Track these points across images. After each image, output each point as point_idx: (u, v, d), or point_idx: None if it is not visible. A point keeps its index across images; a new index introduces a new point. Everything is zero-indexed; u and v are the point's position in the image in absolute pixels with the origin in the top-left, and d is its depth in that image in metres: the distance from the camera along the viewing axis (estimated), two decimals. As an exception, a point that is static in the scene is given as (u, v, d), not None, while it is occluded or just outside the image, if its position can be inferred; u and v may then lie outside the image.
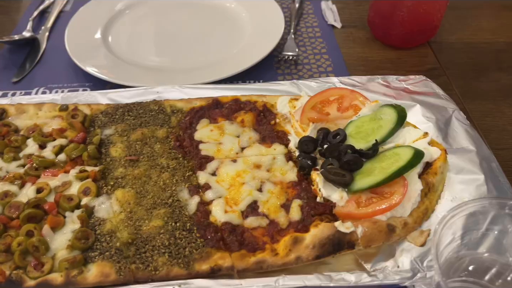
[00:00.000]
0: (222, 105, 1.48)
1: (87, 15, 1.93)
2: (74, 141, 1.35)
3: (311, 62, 1.81)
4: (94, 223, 1.15)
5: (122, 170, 1.28)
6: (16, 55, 1.84)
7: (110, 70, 1.67)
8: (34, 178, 1.25)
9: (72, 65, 1.76)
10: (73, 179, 1.24)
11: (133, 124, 1.42)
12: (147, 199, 1.20)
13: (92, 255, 1.07)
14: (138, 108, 1.47)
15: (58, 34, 1.95)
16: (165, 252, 1.08)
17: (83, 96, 1.53)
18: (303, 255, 1.06)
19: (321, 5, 2.14)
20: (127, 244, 1.09)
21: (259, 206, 1.18)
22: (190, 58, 1.78)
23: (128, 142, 1.36)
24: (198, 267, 1.05)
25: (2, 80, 1.71)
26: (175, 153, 1.33)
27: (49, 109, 1.46)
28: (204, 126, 1.41)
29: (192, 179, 1.25)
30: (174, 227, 1.13)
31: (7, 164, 1.29)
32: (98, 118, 1.44)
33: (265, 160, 1.30)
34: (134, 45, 1.85)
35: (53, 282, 1.02)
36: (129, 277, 1.03)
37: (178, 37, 1.90)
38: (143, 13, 2.02)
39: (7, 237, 1.11)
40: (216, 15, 2.00)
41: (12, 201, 1.18)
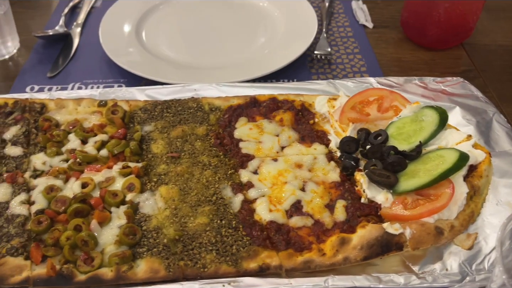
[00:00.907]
0: (260, 103, 1.48)
1: (119, 12, 1.94)
2: (115, 137, 1.35)
3: (344, 62, 1.81)
4: (140, 219, 1.15)
5: (165, 167, 1.28)
6: (49, 50, 1.85)
7: (145, 66, 1.67)
8: (78, 173, 1.26)
9: (106, 61, 1.77)
10: (117, 175, 1.25)
11: (172, 121, 1.42)
12: (191, 196, 1.21)
13: (140, 251, 1.08)
14: (176, 105, 1.47)
15: (90, 30, 1.97)
16: (213, 250, 1.08)
17: (120, 92, 1.53)
18: (351, 256, 1.06)
19: (352, 5, 2.13)
20: (174, 240, 1.10)
21: (303, 205, 1.18)
22: (223, 56, 1.78)
23: (168, 139, 1.37)
24: (246, 265, 1.05)
25: (37, 75, 1.72)
26: (216, 150, 1.33)
27: (88, 105, 1.47)
28: (243, 124, 1.41)
29: (234, 177, 1.26)
30: (219, 224, 1.14)
31: (50, 158, 1.30)
32: (137, 114, 1.45)
33: (306, 160, 1.30)
34: (167, 42, 1.85)
35: (103, 276, 1.03)
36: (178, 274, 1.04)
37: (210, 34, 1.90)
38: (175, 10, 2.02)
39: (55, 231, 1.12)
40: (248, 14, 1.99)
41: (58, 196, 1.19)
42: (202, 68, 1.72)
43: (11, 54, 1.81)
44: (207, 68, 1.72)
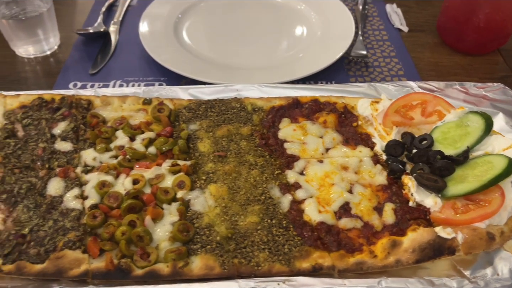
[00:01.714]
0: (302, 105, 1.49)
1: (157, 10, 1.96)
2: (162, 134, 1.38)
3: (381, 65, 1.82)
4: (192, 217, 1.17)
5: (212, 165, 1.30)
6: (89, 47, 1.87)
7: (186, 65, 1.69)
8: (128, 169, 1.28)
9: (145, 59, 1.80)
10: (166, 172, 1.27)
11: (216, 121, 1.44)
12: (240, 195, 1.23)
13: (194, 248, 1.10)
14: (220, 105, 1.49)
15: (127, 28, 1.99)
16: (265, 248, 1.10)
17: (164, 91, 1.56)
18: (403, 259, 1.07)
19: (386, 8, 2.13)
20: (226, 238, 1.12)
21: (351, 207, 1.20)
22: (262, 57, 1.80)
23: (214, 138, 1.39)
24: (299, 265, 1.07)
25: (79, 72, 1.75)
26: (261, 151, 1.35)
27: (133, 102, 1.49)
28: (286, 125, 1.42)
29: (281, 178, 1.27)
30: (270, 224, 1.16)
31: (100, 154, 1.32)
32: (181, 113, 1.47)
33: (352, 162, 1.31)
34: (205, 41, 1.87)
35: (160, 272, 1.05)
36: (233, 271, 1.06)
37: (247, 35, 1.92)
38: (211, 9, 2.04)
39: (110, 226, 1.14)
40: (285, 16, 2.01)
41: (110, 191, 1.22)
42: (242, 68, 1.74)
43: (52, 50, 1.84)
44: (246, 68, 1.74)
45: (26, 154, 1.33)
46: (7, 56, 1.81)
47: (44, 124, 1.41)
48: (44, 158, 1.31)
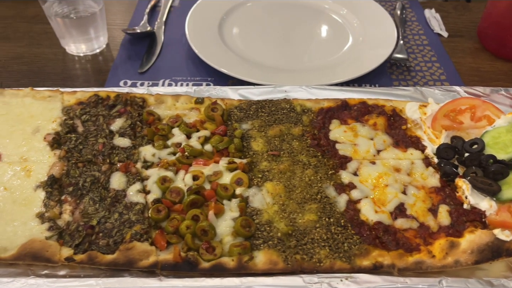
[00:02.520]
0: (350, 107, 1.52)
1: (202, 11, 2.00)
2: (216, 133, 1.42)
3: (423, 69, 1.84)
4: (251, 213, 1.21)
5: (267, 164, 1.34)
6: (136, 46, 1.92)
7: (233, 66, 1.73)
8: (187, 166, 1.32)
9: (192, 59, 1.85)
10: (224, 169, 1.31)
11: (267, 121, 1.48)
12: (296, 193, 1.26)
13: (256, 243, 1.14)
14: (270, 105, 1.52)
15: (171, 29, 2.04)
16: (325, 246, 1.13)
17: (214, 91, 1.60)
18: (461, 259, 1.10)
19: (425, 13, 2.16)
20: (287, 235, 1.15)
21: (406, 208, 1.23)
22: (306, 59, 1.84)
23: (266, 138, 1.42)
24: (359, 262, 1.10)
25: (128, 70, 1.79)
26: (313, 151, 1.38)
27: (185, 101, 1.54)
28: (336, 126, 1.46)
29: (336, 178, 1.31)
30: (328, 222, 1.19)
31: (158, 151, 1.37)
32: (233, 112, 1.51)
33: (404, 164, 1.34)
34: (250, 42, 1.91)
35: (226, 265, 1.09)
36: (296, 267, 1.09)
37: (291, 37, 1.95)
38: (255, 12, 2.08)
39: (174, 220, 1.18)
40: (328, 20, 2.05)
41: (172, 186, 1.26)
42: (287, 70, 1.77)
43: (101, 48, 1.89)
44: (291, 70, 1.78)
45: (87, 148, 1.37)
46: (58, 54, 1.87)
47: (101, 121, 1.46)
48: (104, 153, 1.36)
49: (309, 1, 2.13)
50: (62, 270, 1.09)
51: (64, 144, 1.38)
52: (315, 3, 2.12)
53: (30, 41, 1.94)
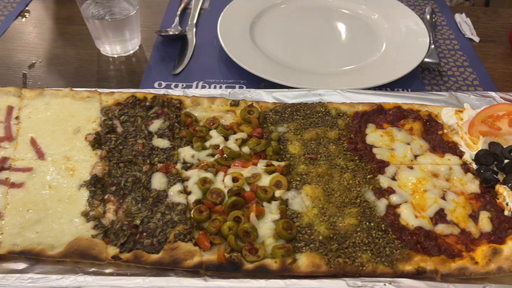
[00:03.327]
0: (386, 111, 1.53)
1: (233, 14, 2.02)
2: (253, 135, 1.43)
3: (455, 74, 1.84)
4: (292, 216, 1.22)
5: (304, 167, 1.35)
6: (168, 48, 1.95)
7: (266, 69, 1.74)
8: (226, 167, 1.34)
9: (224, 61, 1.87)
10: (262, 172, 1.32)
11: (303, 124, 1.49)
12: (335, 197, 1.27)
13: (298, 246, 1.15)
14: (305, 108, 1.54)
15: (202, 31, 2.06)
16: (367, 250, 1.14)
17: (249, 94, 1.62)
18: (505, 266, 1.09)
19: (455, 18, 2.15)
20: (328, 238, 1.16)
21: (446, 214, 1.23)
22: (338, 63, 1.84)
23: (303, 141, 1.43)
24: (402, 267, 1.11)
25: (162, 72, 1.82)
26: (350, 155, 1.39)
27: (221, 103, 1.55)
28: (373, 131, 1.46)
29: (374, 182, 1.31)
30: (369, 226, 1.20)
31: (197, 152, 1.38)
32: (268, 115, 1.52)
33: (442, 170, 1.34)
34: (281, 45, 1.92)
35: (269, 267, 1.10)
36: (339, 270, 1.10)
37: (322, 41, 1.96)
38: (286, 14, 2.10)
39: (216, 221, 1.20)
40: (359, 24, 2.06)
41: (212, 188, 1.28)
42: (320, 73, 1.78)
43: (135, 50, 1.92)
44: (324, 73, 1.78)
45: (126, 149, 1.40)
46: (93, 55, 1.90)
47: (140, 122, 1.48)
48: (144, 154, 1.38)
49: (340, 5, 2.14)
50: (108, 268, 1.11)
51: (104, 144, 1.40)
52: (346, 7, 2.13)
53: (65, 42, 1.98)
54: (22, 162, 1.34)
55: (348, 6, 2.14)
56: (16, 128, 1.44)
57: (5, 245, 1.14)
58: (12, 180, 1.28)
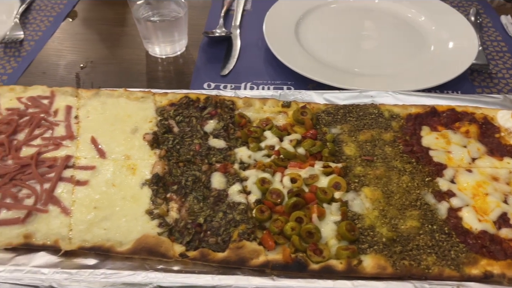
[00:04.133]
0: (439, 113, 1.52)
1: (278, 15, 2.03)
2: (307, 136, 1.44)
3: (505, 76, 1.81)
4: (353, 217, 1.23)
5: (361, 169, 1.35)
6: (214, 49, 1.97)
7: (313, 70, 1.74)
8: (282, 168, 1.35)
9: (270, 63, 1.88)
10: (319, 173, 1.33)
11: (356, 125, 1.49)
12: (395, 199, 1.27)
13: (362, 247, 1.15)
14: (357, 110, 1.54)
15: (245, 32, 2.07)
16: (431, 252, 1.14)
17: (300, 95, 1.63)
18: None
19: (501, 20, 2.12)
20: (391, 240, 1.17)
21: (509, 218, 1.22)
22: (387, 64, 1.84)
23: (357, 142, 1.44)
24: (468, 271, 1.10)
25: (210, 72, 1.84)
26: (407, 157, 1.39)
27: (272, 105, 1.57)
28: (428, 133, 1.46)
29: (433, 185, 1.31)
30: (431, 229, 1.19)
31: (254, 153, 1.40)
32: (321, 116, 1.53)
33: (502, 173, 1.33)
34: (327, 46, 1.93)
35: (334, 268, 1.11)
36: (404, 272, 1.10)
37: (369, 42, 1.96)
38: (332, 15, 2.10)
39: (277, 221, 1.21)
40: (405, 26, 2.05)
41: (271, 188, 1.29)
42: (369, 75, 1.78)
43: (182, 51, 1.95)
44: (373, 75, 1.78)
45: (184, 149, 1.42)
46: (141, 56, 1.94)
47: (195, 122, 1.51)
48: (202, 154, 1.40)
49: (387, 7, 2.13)
50: (175, 266, 1.13)
51: (162, 144, 1.43)
52: (393, 9, 2.12)
53: (113, 42, 2.02)
54: (85, 161, 1.37)
55: (394, 8, 2.13)
56: (76, 127, 1.48)
57: (75, 241, 1.17)
58: (77, 178, 1.32)
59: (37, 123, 1.47)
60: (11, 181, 1.30)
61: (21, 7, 2.15)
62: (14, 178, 1.31)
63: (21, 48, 1.96)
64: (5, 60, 1.89)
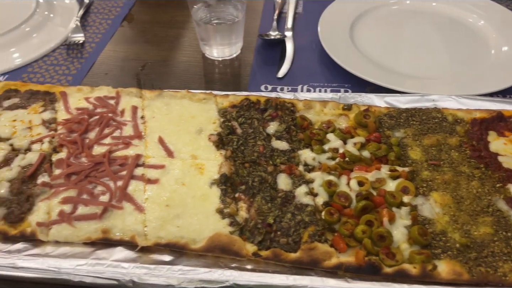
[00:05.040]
0: (505, 118, 1.49)
1: (332, 18, 2.04)
2: (371, 140, 1.44)
3: None
4: (423, 222, 1.22)
5: (428, 174, 1.34)
6: (268, 51, 1.99)
7: (371, 73, 1.74)
8: (348, 171, 1.36)
9: (325, 65, 1.89)
10: (386, 176, 1.33)
11: (420, 129, 1.48)
12: (465, 205, 1.26)
13: (435, 252, 1.15)
14: (420, 114, 1.53)
15: (298, 34, 2.08)
16: (507, 260, 1.12)
17: (360, 98, 1.62)
18: None
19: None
20: (465, 246, 1.15)
21: None
22: (447, 68, 1.82)
23: (423, 147, 1.43)
24: (548, 280, 1.08)
25: (267, 75, 1.86)
26: (475, 162, 1.37)
27: (333, 107, 1.57)
28: (495, 138, 1.43)
29: (504, 191, 1.28)
30: (506, 236, 1.17)
31: (318, 155, 1.41)
32: (383, 120, 1.52)
33: None
34: (382, 48, 1.92)
35: (408, 272, 1.11)
36: (481, 279, 1.09)
37: (427, 45, 1.93)
38: (386, 18, 2.09)
39: (347, 224, 1.22)
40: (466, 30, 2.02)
41: (338, 191, 1.30)
42: (429, 78, 1.76)
43: (237, 53, 1.98)
44: (433, 79, 1.76)
45: (247, 150, 1.45)
46: (198, 58, 1.98)
47: (257, 124, 1.53)
48: (266, 155, 1.42)
49: (445, 10, 2.11)
50: (248, 265, 1.16)
51: (227, 144, 1.46)
52: (452, 13, 2.09)
53: (169, 45, 2.07)
54: (154, 160, 1.42)
55: (454, 11, 2.10)
56: (143, 127, 1.53)
57: (150, 237, 1.22)
58: (148, 176, 1.37)
59: (107, 123, 1.52)
60: (86, 178, 1.35)
61: (80, 10, 2.23)
62: (88, 175, 1.36)
63: (83, 50, 2.04)
64: (68, 62, 1.97)
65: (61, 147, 1.46)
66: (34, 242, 1.22)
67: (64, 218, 1.25)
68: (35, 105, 1.60)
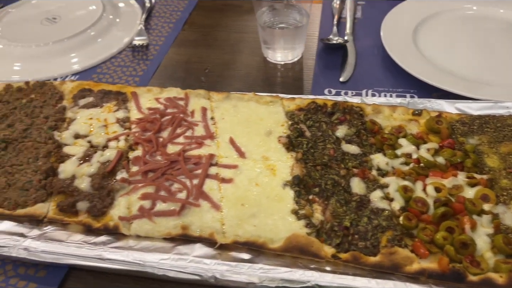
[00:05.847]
0: None
1: (394, 23, 2.03)
2: (445, 146, 1.42)
3: None
4: (506, 231, 1.19)
5: (508, 182, 1.31)
6: (330, 55, 1.99)
7: (438, 78, 1.71)
8: (423, 177, 1.34)
9: (389, 70, 1.87)
10: (464, 184, 1.31)
11: (496, 137, 1.45)
12: (550, 215, 1.22)
13: (522, 263, 1.12)
14: (494, 121, 1.49)
15: (359, 39, 2.08)
16: None
17: (429, 103, 1.60)
18: None
19: None
20: (554, 258, 1.12)
21: None
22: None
23: (499, 154, 1.39)
24: None
25: (330, 79, 1.87)
26: (557, 172, 1.33)
27: (402, 112, 1.56)
28: None
29: None
30: None
31: (391, 160, 1.40)
32: (455, 126, 1.50)
33: None
34: (449, 54, 1.88)
35: (494, 281, 1.08)
36: None
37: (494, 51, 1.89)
38: (449, 23, 2.06)
39: (426, 230, 1.21)
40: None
41: (415, 196, 1.29)
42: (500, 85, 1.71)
43: (299, 57, 1.99)
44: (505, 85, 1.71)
45: (318, 152, 1.45)
46: (259, 61, 2.01)
47: (325, 127, 1.53)
48: (337, 158, 1.43)
49: (511, 17, 2.07)
50: (327, 266, 1.16)
51: (297, 147, 1.47)
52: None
53: (230, 48, 2.11)
54: (226, 160, 1.44)
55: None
56: (213, 128, 1.56)
57: (228, 235, 1.24)
58: (222, 176, 1.39)
59: (179, 123, 1.56)
60: (163, 176, 1.40)
61: (143, 13, 2.31)
62: (165, 173, 1.40)
63: (148, 52, 2.11)
64: (135, 63, 2.04)
65: (136, 145, 1.51)
66: (116, 236, 1.27)
67: (144, 213, 1.29)
68: (108, 104, 1.66)
